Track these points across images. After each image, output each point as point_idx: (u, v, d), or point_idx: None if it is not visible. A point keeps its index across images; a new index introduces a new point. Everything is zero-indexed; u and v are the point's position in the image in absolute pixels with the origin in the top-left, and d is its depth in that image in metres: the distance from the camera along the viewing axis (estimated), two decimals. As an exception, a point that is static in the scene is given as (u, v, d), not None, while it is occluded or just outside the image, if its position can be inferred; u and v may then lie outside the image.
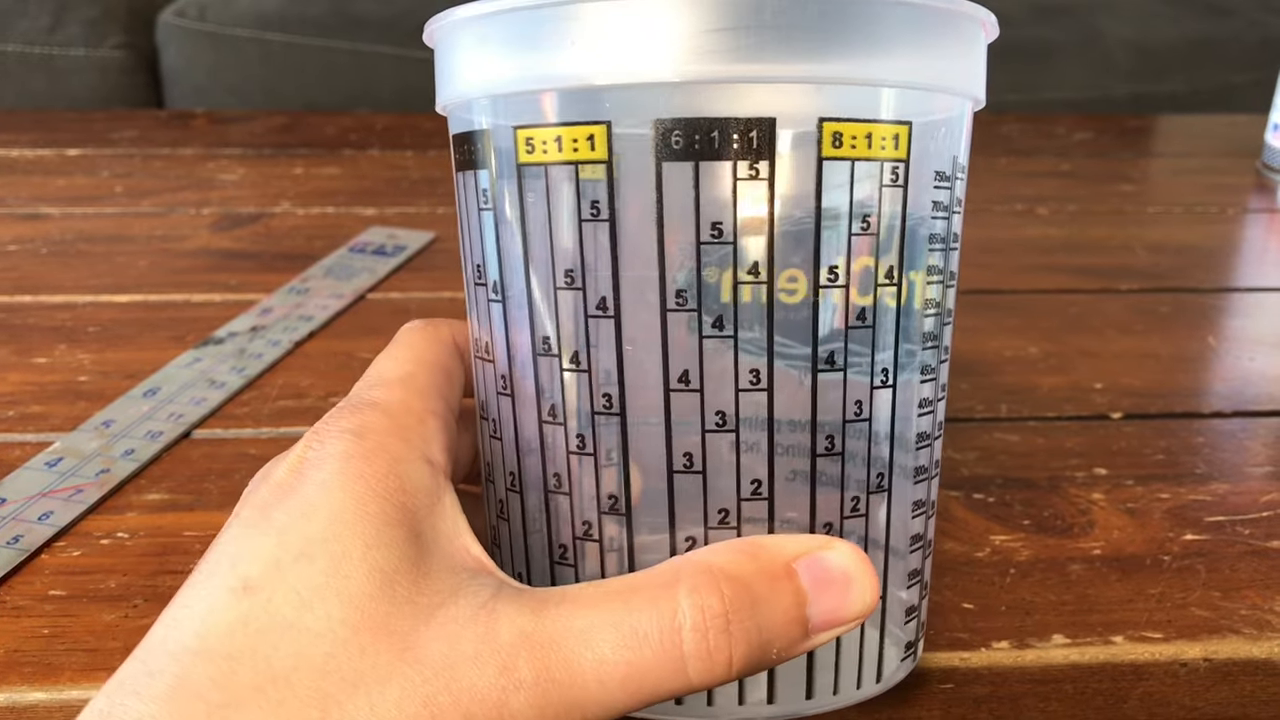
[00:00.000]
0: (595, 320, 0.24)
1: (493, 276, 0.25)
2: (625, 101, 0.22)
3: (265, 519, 0.22)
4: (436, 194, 0.68)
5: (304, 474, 0.23)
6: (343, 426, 0.24)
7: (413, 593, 0.22)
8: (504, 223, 0.24)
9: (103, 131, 0.79)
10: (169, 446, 0.40)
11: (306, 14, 1.20)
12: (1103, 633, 0.31)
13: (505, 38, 0.23)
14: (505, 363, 0.25)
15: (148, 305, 0.52)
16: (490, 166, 0.24)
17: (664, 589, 0.21)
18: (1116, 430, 0.42)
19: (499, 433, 0.26)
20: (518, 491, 0.26)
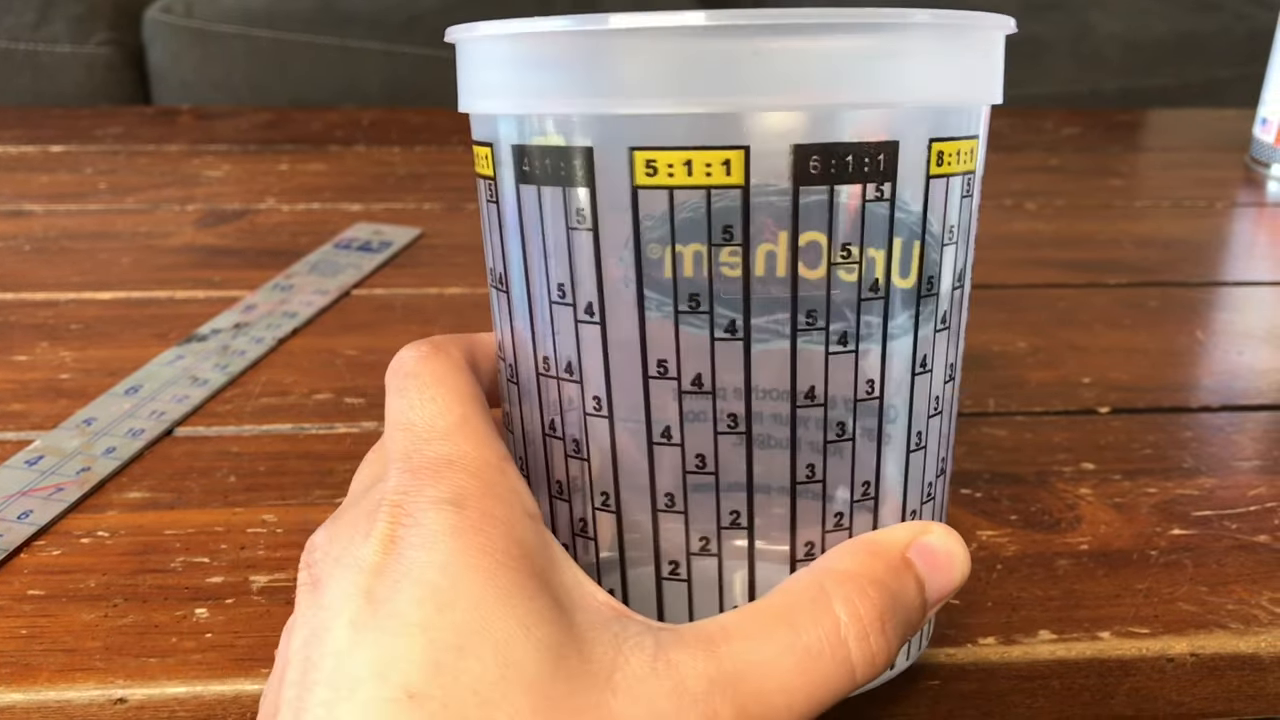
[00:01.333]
0: (721, 343, 0.23)
1: (587, 298, 0.24)
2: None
3: (390, 617, 0.20)
4: (423, 189, 0.67)
5: (407, 555, 0.21)
6: (434, 496, 0.22)
7: (582, 662, 0.21)
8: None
9: (87, 128, 0.79)
10: (150, 444, 0.40)
11: (293, 9, 1.20)
12: (1089, 628, 0.31)
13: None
14: (603, 385, 0.24)
15: (130, 302, 0.51)
16: (592, 185, 0.23)
17: (818, 605, 0.22)
18: (1104, 425, 0.42)
19: (585, 454, 0.25)
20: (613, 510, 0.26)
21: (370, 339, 0.48)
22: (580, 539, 0.27)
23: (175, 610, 0.32)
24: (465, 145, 0.76)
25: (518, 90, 0.23)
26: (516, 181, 0.24)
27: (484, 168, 0.25)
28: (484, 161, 0.25)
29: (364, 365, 0.45)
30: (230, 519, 0.36)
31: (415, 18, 1.19)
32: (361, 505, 0.24)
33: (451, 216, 0.63)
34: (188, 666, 0.30)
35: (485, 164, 0.25)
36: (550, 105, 0.23)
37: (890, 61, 0.22)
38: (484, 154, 0.25)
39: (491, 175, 0.25)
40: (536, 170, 0.23)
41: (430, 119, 0.83)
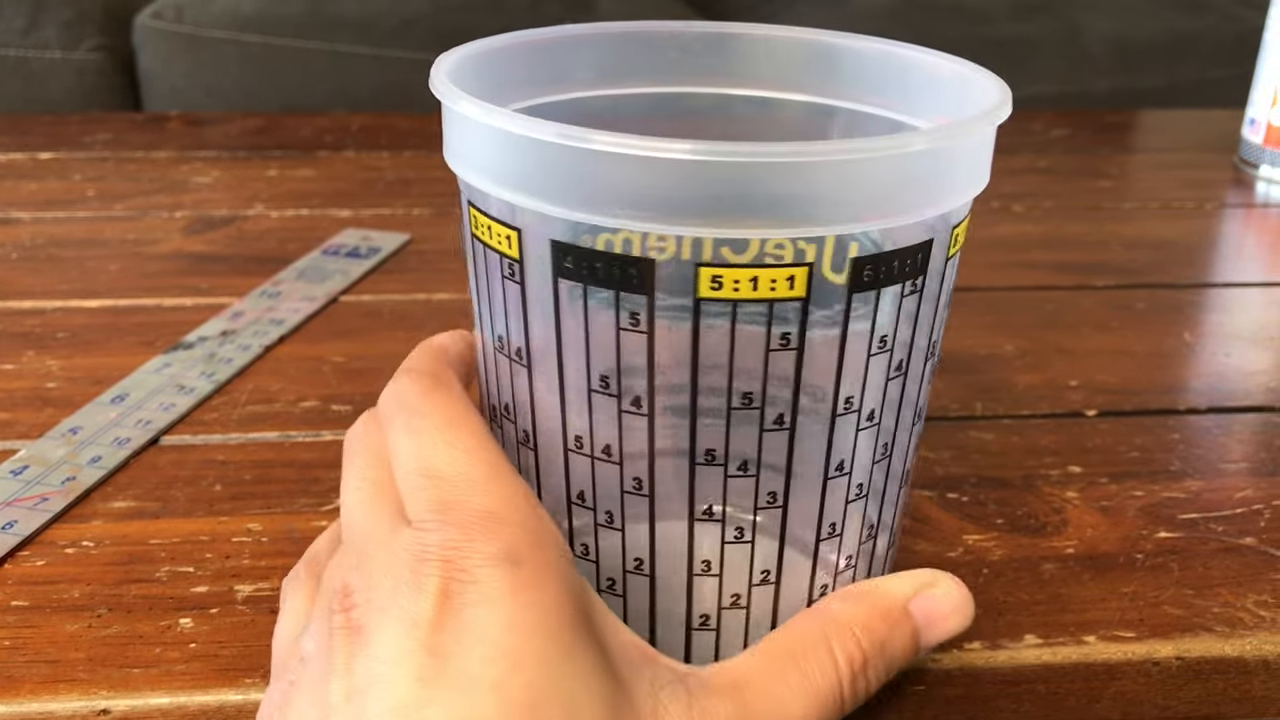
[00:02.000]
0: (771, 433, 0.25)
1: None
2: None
3: (459, 673, 0.21)
4: (411, 195, 0.67)
5: (466, 613, 0.22)
6: (488, 553, 0.22)
7: (631, 714, 0.23)
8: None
9: (76, 135, 0.78)
10: (136, 453, 0.40)
11: (284, 15, 1.20)
12: (1075, 632, 0.31)
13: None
14: (645, 469, 0.26)
15: (118, 310, 0.51)
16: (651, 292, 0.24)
17: (822, 649, 0.25)
18: (1091, 428, 0.42)
19: (621, 525, 0.27)
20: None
21: (358, 346, 0.48)
22: (607, 594, 0.28)
23: (160, 620, 0.32)
24: (454, 150, 0.76)
25: (569, 193, 0.23)
26: (555, 275, 0.24)
27: (505, 247, 0.25)
28: (505, 242, 0.25)
29: (351, 372, 0.45)
30: (215, 528, 0.36)
31: (406, 23, 1.19)
32: (396, 552, 0.23)
33: (440, 222, 0.63)
34: (172, 677, 0.30)
35: (508, 245, 0.25)
36: (602, 217, 0.23)
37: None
38: (505, 234, 0.25)
39: (516, 258, 0.25)
40: (584, 270, 0.24)
41: (420, 124, 0.83)
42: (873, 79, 0.30)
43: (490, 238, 0.25)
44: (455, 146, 0.26)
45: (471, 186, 0.26)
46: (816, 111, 0.31)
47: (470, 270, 0.27)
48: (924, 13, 1.30)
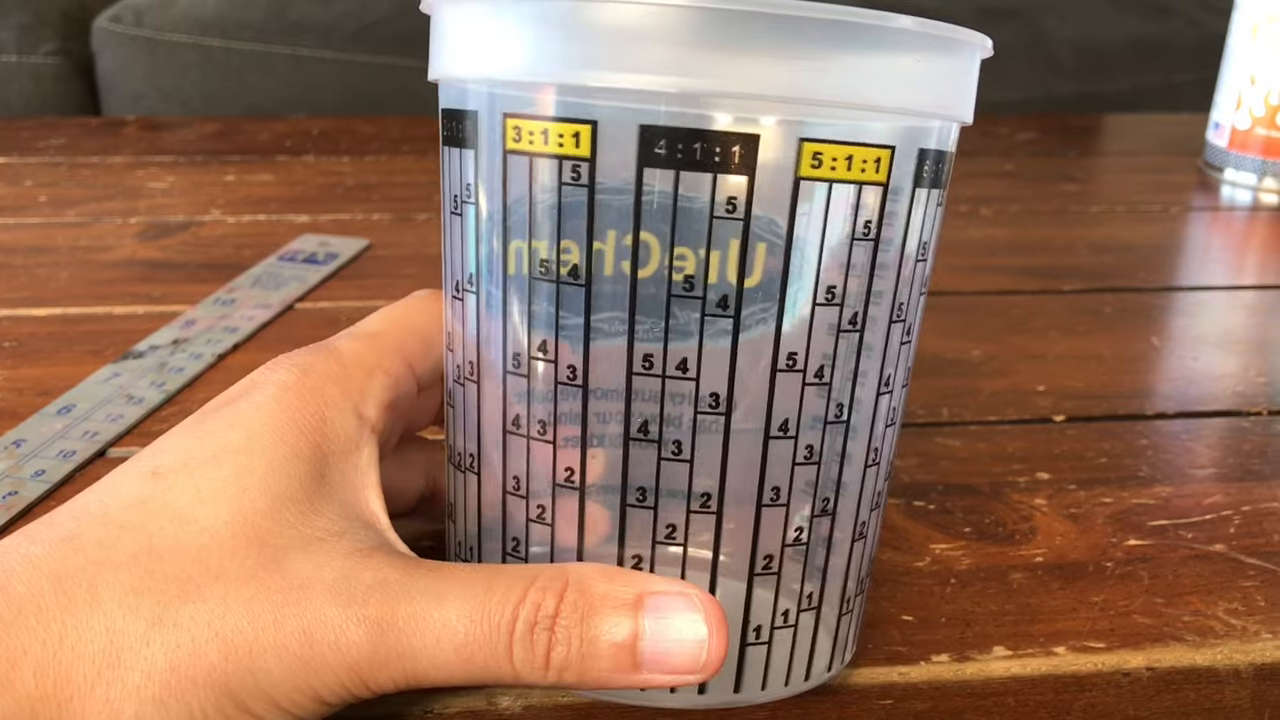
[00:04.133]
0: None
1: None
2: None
3: (198, 422, 0.25)
4: (372, 200, 0.66)
5: (248, 393, 0.26)
6: (294, 361, 0.26)
7: (298, 521, 0.24)
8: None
9: (29, 140, 0.77)
10: (82, 466, 0.38)
11: (245, 19, 1.18)
12: (1044, 643, 0.31)
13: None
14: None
15: (67, 319, 0.50)
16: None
17: (522, 580, 0.23)
18: (1059, 434, 0.42)
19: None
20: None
21: (313, 354, 0.46)
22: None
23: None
24: (416, 154, 0.75)
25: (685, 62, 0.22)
26: (640, 166, 0.23)
27: (569, 147, 0.23)
28: (572, 142, 0.23)
29: (306, 381, 0.44)
30: (162, 543, 0.34)
31: (367, 26, 1.17)
32: None
33: (401, 227, 0.62)
34: (113, 700, 0.28)
35: (575, 144, 0.23)
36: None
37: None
38: (572, 133, 0.23)
39: (587, 156, 0.23)
40: (678, 156, 0.22)
41: (381, 128, 0.82)
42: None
43: (545, 144, 0.23)
44: (494, 49, 0.23)
45: (512, 94, 0.23)
46: None
47: (483, 209, 0.25)
48: (890, 17, 1.30)
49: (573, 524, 0.25)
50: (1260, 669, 0.30)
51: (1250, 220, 0.70)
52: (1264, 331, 0.52)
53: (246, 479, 0.24)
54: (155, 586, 0.23)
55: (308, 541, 0.24)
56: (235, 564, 0.23)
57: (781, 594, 0.26)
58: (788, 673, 0.27)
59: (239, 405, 0.25)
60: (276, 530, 0.24)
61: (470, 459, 0.27)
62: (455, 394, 0.27)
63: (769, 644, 0.26)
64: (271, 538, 0.23)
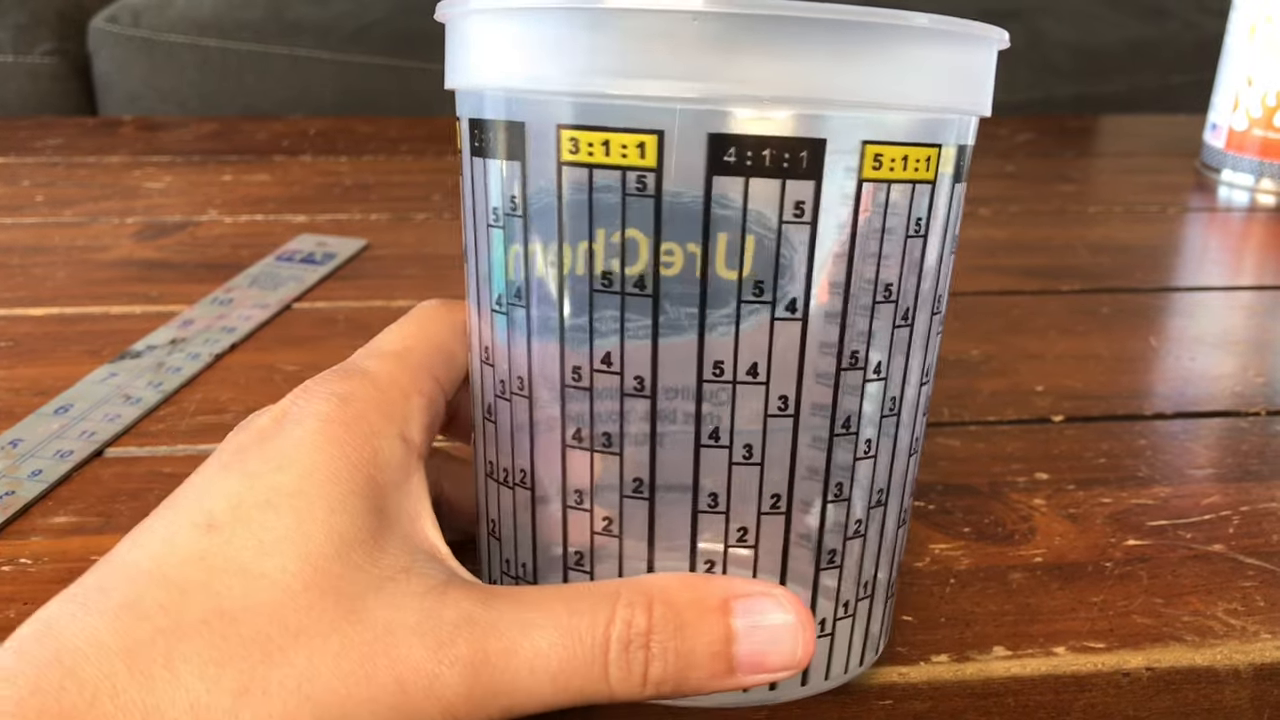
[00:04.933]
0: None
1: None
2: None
3: (240, 462, 0.23)
4: (370, 200, 0.66)
5: (284, 426, 0.24)
6: (330, 389, 0.25)
7: (366, 562, 0.23)
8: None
9: (26, 140, 0.77)
10: (79, 466, 0.38)
11: (242, 19, 1.18)
12: (1044, 643, 0.31)
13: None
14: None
15: (64, 318, 0.50)
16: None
17: (606, 599, 0.23)
18: (1058, 434, 0.42)
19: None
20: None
21: (311, 354, 0.46)
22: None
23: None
24: (414, 154, 0.75)
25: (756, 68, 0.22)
26: (709, 174, 0.22)
27: (633, 158, 0.23)
28: (637, 152, 0.23)
29: (303, 381, 0.44)
30: (160, 543, 0.34)
31: (365, 27, 1.17)
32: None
33: (399, 227, 0.62)
34: (110, 700, 0.28)
35: (640, 155, 0.23)
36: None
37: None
38: (636, 143, 0.23)
39: (652, 166, 0.23)
40: (747, 162, 0.22)
41: (379, 128, 0.81)
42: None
43: (606, 156, 0.22)
44: (546, 58, 0.23)
45: (566, 104, 0.23)
46: None
47: (532, 222, 0.24)
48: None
49: (642, 534, 0.25)
50: (1260, 669, 0.30)
51: (1247, 221, 0.71)
52: (1262, 332, 0.52)
53: (308, 524, 0.22)
54: (235, 653, 0.21)
55: (380, 583, 0.22)
56: (313, 618, 0.22)
57: (844, 585, 0.27)
58: (846, 660, 0.28)
59: (280, 442, 0.24)
60: (347, 575, 0.22)
61: (521, 474, 0.26)
62: (498, 409, 0.26)
63: (832, 635, 0.27)
64: (344, 584, 0.22)
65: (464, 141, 0.25)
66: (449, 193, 0.68)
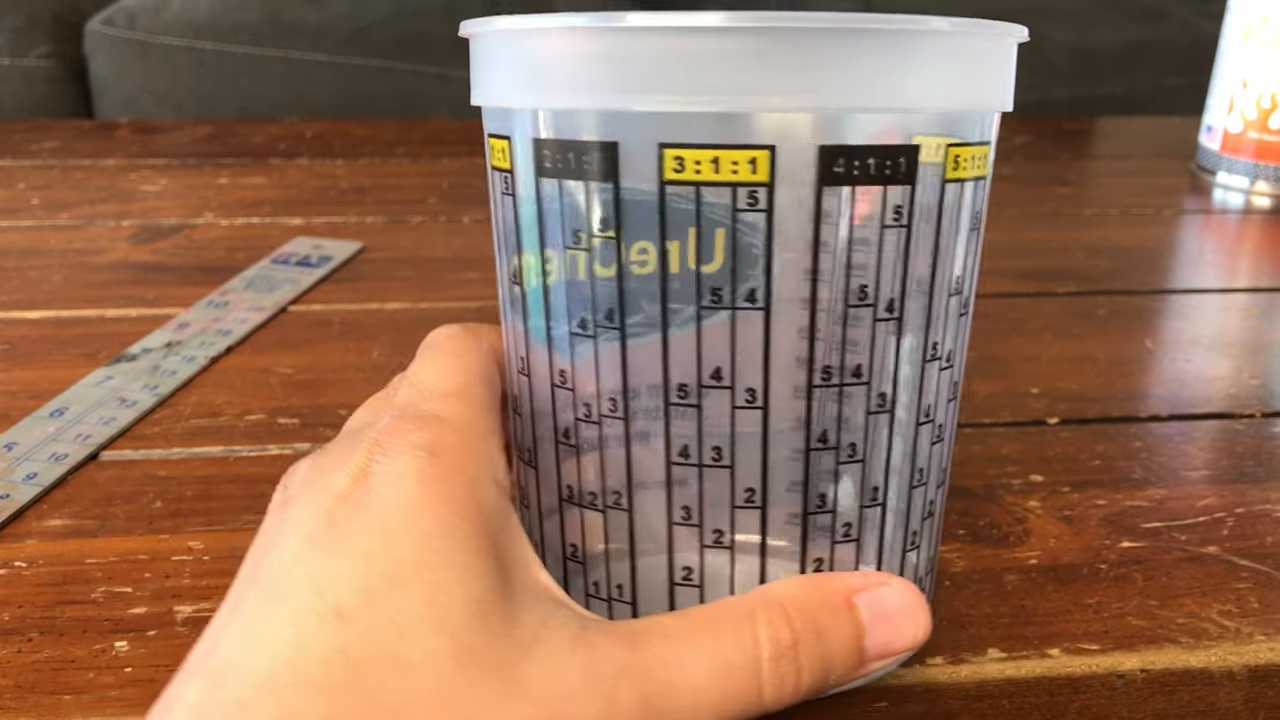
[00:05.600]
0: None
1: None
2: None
3: (342, 539, 0.22)
4: (366, 203, 0.66)
5: (374, 490, 0.22)
6: (413, 441, 0.23)
7: (506, 624, 0.22)
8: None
9: (22, 143, 0.77)
10: (74, 469, 0.38)
11: (238, 22, 1.18)
12: (1039, 645, 0.31)
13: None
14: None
15: (59, 321, 0.50)
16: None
17: (744, 621, 0.23)
18: (1053, 436, 0.42)
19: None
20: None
21: (306, 357, 0.46)
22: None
23: (94, 644, 0.30)
24: (410, 157, 0.75)
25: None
26: (819, 185, 0.23)
27: (748, 172, 0.23)
28: (749, 167, 0.23)
29: (299, 384, 0.44)
30: (155, 546, 0.34)
31: (361, 29, 1.17)
32: (347, 441, 0.25)
33: (395, 230, 0.62)
34: (105, 703, 0.28)
35: (753, 169, 0.23)
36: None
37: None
38: (748, 159, 0.23)
39: (765, 181, 0.23)
40: (854, 170, 0.23)
41: (375, 131, 0.81)
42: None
43: (716, 173, 0.22)
44: (638, 75, 0.22)
45: (666, 122, 0.23)
46: None
47: (631, 243, 0.24)
48: (884, 21, 1.30)
49: (755, 542, 0.25)
50: (1254, 671, 0.30)
51: (1242, 223, 0.71)
52: (1257, 334, 0.53)
53: (443, 596, 0.21)
54: None
55: (527, 647, 0.22)
56: (478, 700, 0.21)
57: (921, 564, 0.28)
58: None
59: (379, 508, 0.22)
60: (493, 644, 0.21)
61: (615, 496, 0.26)
62: (581, 432, 0.26)
63: None
64: (493, 655, 0.21)
65: (521, 162, 0.24)
66: (444, 196, 0.68)
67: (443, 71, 1.15)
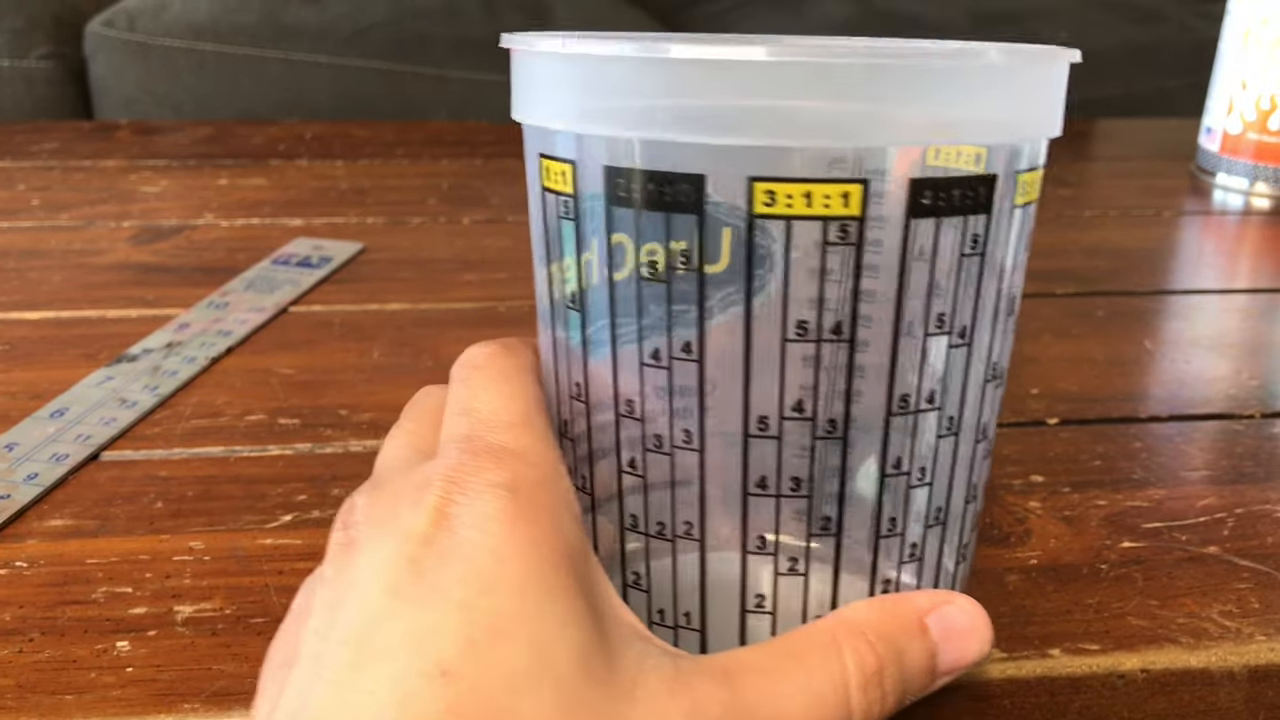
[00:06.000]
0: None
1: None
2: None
3: (434, 590, 0.21)
4: (366, 203, 0.66)
5: (458, 534, 0.21)
6: (492, 480, 0.22)
7: (606, 670, 0.21)
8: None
9: (22, 144, 0.77)
10: (75, 470, 0.38)
11: (238, 23, 1.18)
12: (1040, 645, 0.31)
13: None
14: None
15: (60, 322, 0.50)
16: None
17: (830, 651, 0.23)
18: (1053, 436, 0.42)
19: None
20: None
21: (306, 357, 0.46)
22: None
23: (95, 644, 0.30)
24: (410, 158, 0.75)
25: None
26: (909, 216, 0.23)
27: (838, 207, 0.23)
28: (841, 202, 0.23)
29: (299, 385, 0.44)
30: (156, 547, 0.34)
31: (361, 31, 1.17)
32: (410, 478, 0.24)
33: (394, 231, 0.62)
34: (106, 703, 0.28)
35: (844, 204, 0.23)
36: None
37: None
38: (841, 192, 0.23)
39: (857, 214, 0.23)
40: (940, 202, 0.23)
41: (375, 132, 0.81)
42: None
43: (808, 207, 0.22)
44: (758, 111, 0.22)
45: (753, 156, 0.22)
46: None
47: (719, 275, 0.24)
48: (883, 23, 1.31)
49: (828, 570, 0.26)
50: (1254, 671, 0.30)
51: (1242, 224, 0.71)
52: (1256, 335, 0.53)
53: (549, 647, 0.20)
54: None
55: (629, 693, 0.21)
56: None
57: (963, 574, 0.29)
58: None
59: (468, 554, 0.21)
60: (599, 693, 0.21)
61: (686, 526, 0.26)
62: (650, 464, 0.25)
63: None
64: (600, 704, 0.21)
65: (588, 188, 0.24)
66: (444, 197, 0.68)
67: (442, 73, 1.15)
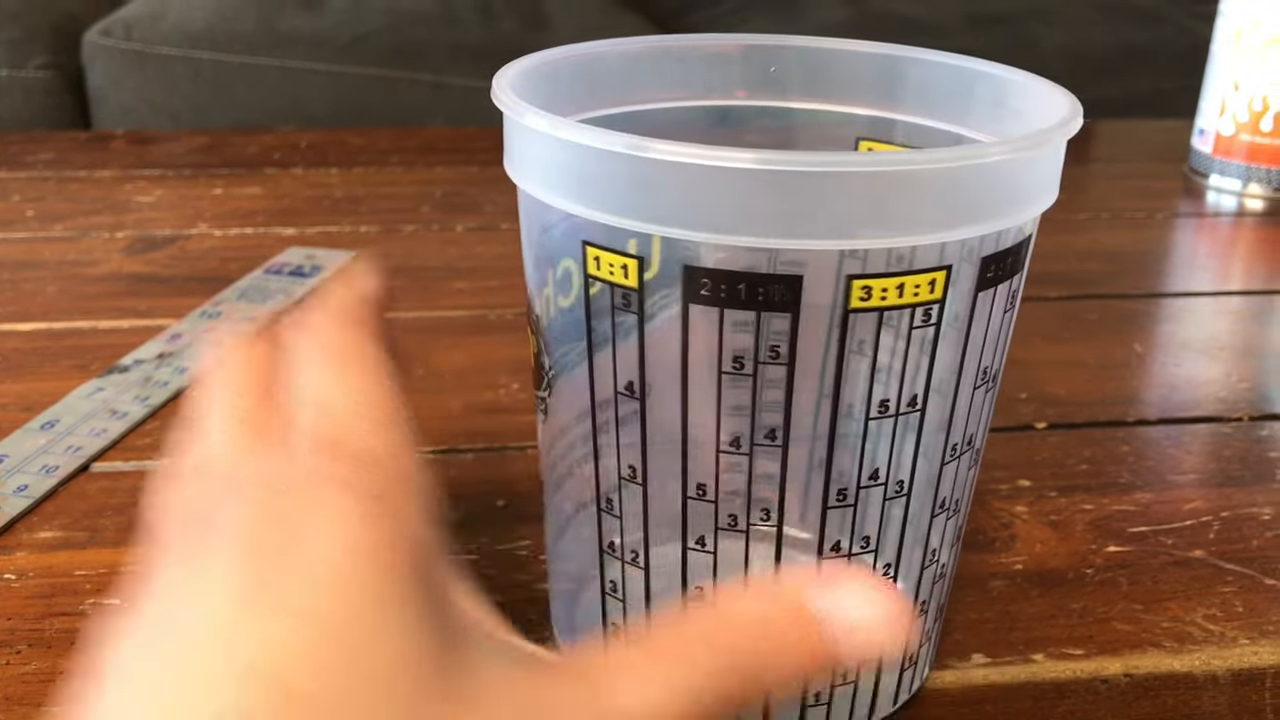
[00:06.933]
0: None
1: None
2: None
3: (277, 597, 0.20)
4: (360, 212, 0.66)
5: (302, 537, 0.20)
6: (346, 485, 0.21)
7: (444, 680, 0.20)
8: None
9: (17, 154, 0.77)
10: (65, 481, 0.38)
11: (235, 31, 1.18)
12: (1024, 651, 0.31)
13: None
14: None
15: (52, 333, 0.50)
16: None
17: (697, 645, 0.22)
18: (1041, 441, 0.42)
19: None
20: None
21: (298, 367, 0.46)
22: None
23: (83, 656, 0.30)
24: (404, 165, 0.75)
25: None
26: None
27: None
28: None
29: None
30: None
31: (357, 39, 1.18)
32: (261, 478, 0.22)
33: (387, 239, 0.62)
34: (92, 715, 0.28)
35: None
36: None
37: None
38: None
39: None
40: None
41: (370, 139, 0.82)
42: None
43: (900, 297, 0.23)
44: (850, 208, 0.23)
45: (869, 252, 0.23)
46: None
47: (809, 368, 0.24)
48: (878, 25, 1.31)
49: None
50: (1238, 674, 0.30)
51: (1234, 226, 0.71)
52: (1247, 337, 0.53)
53: (386, 659, 0.20)
54: None
55: (472, 703, 0.20)
56: None
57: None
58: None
59: (310, 559, 0.20)
60: (431, 709, 0.20)
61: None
62: (723, 547, 0.26)
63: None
64: (447, 708, 0.20)
65: (661, 285, 0.24)
66: (437, 204, 0.68)
67: (439, 79, 1.15)
